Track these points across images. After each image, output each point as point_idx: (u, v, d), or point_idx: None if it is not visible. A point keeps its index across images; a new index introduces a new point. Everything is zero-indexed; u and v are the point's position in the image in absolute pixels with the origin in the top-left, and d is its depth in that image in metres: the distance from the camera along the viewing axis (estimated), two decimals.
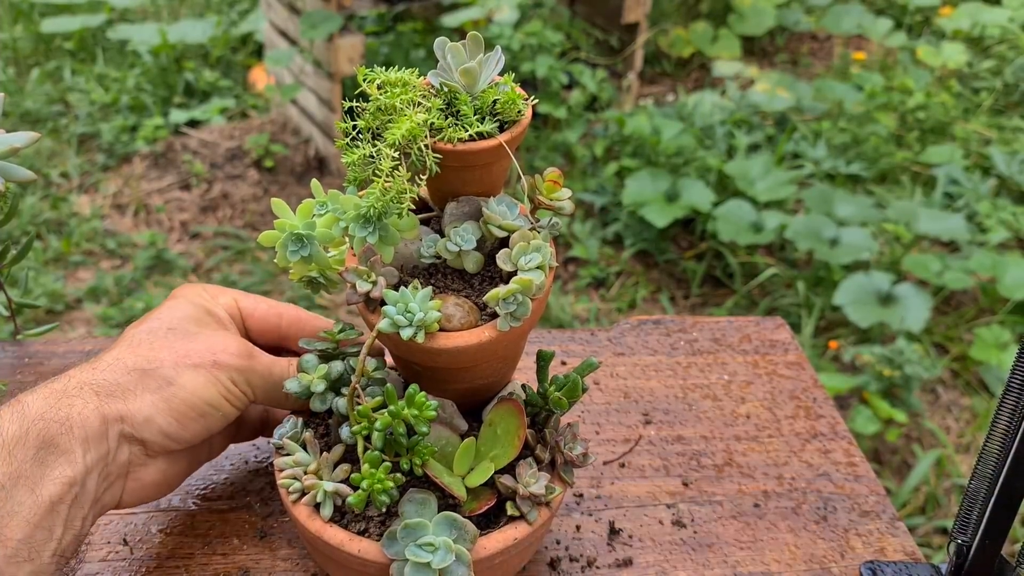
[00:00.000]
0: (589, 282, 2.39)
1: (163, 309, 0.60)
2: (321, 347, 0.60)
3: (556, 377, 0.59)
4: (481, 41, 0.54)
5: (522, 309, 0.53)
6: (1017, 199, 2.63)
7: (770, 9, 3.40)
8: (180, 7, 3.56)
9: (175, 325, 0.59)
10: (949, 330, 2.25)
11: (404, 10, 2.99)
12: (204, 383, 0.56)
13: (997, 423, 0.55)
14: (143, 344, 0.57)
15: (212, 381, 0.57)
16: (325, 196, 0.57)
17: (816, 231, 2.31)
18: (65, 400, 0.53)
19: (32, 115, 2.89)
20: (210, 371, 0.57)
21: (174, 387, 0.56)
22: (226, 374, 0.57)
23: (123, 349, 0.57)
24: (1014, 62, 3.24)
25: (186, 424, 0.56)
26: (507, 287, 0.53)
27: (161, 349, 0.57)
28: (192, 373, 0.56)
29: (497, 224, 0.55)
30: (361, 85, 0.53)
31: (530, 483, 0.56)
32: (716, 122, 2.77)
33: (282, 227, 0.56)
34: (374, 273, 0.54)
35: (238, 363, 0.58)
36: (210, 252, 2.45)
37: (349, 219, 0.53)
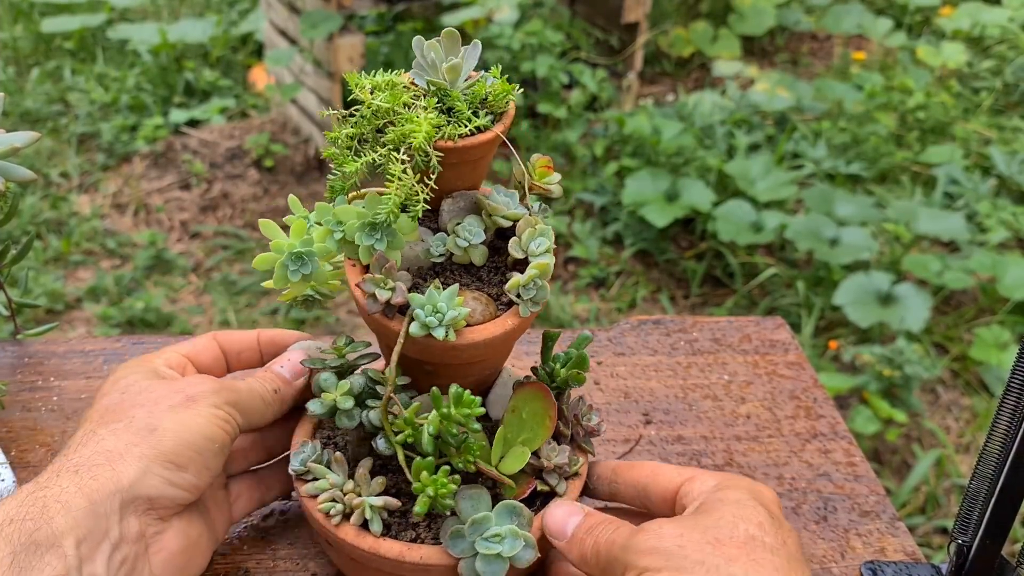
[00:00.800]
0: (589, 282, 2.39)
1: (108, 384, 0.56)
2: (335, 364, 0.58)
3: (557, 355, 0.61)
4: (457, 36, 0.54)
5: (541, 293, 0.54)
6: (1017, 199, 2.63)
7: (770, 9, 3.40)
8: (180, 7, 3.56)
9: (129, 389, 0.54)
10: (949, 330, 2.25)
11: (404, 10, 2.99)
12: (188, 418, 0.53)
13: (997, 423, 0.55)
14: (108, 413, 0.53)
15: (195, 414, 0.53)
16: (305, 210, 0.55)
17: (816, 231, 2.31)
18: (39, 493, 0.46)
19: (32, 115, 2.89)
20: (188, 407, 0.53)
21: (158, 432, 0.51)
22: (205, 403, 0.54)
23: (88, 426, 0.52)
24: (1014, 62, 3.24)
25: (185, 465, 0.51)
26: (528, 274, 0.54)
27: (129, 408, 0.53)
28: (171, 414, 0.52)
29: (502, 215, 0.56)
30: (353, 91, 0.52)
31: (552, 456, 0.58)
32: (716, 122, 2.77)
33: (279, 248, 0.54)
34: (391, 280, 0.53)
35: (212, 388, 0.55)
36: (210, 252, 2.46)
37: (352, 229, 0.53)
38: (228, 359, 0.62)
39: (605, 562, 0.52)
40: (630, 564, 0.49)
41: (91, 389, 0.76)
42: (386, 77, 0.53)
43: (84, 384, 0.76)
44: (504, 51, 2.82)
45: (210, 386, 0.55)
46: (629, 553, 0.50)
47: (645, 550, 0.49)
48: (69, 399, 0.75)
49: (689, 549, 0.48)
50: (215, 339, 0.61)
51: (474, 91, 0.54)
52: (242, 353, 0.62)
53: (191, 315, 2.23)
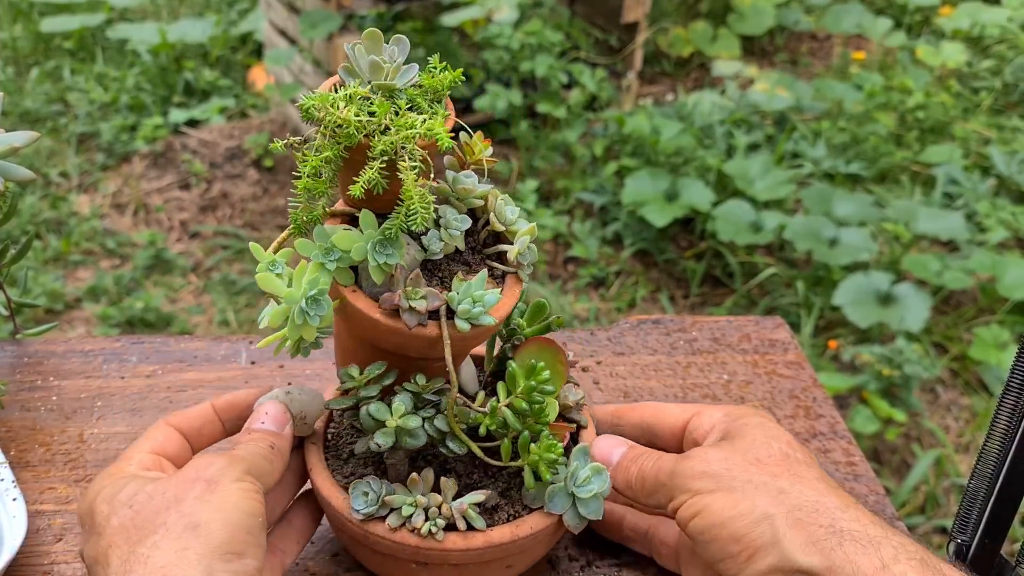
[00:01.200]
0: (588, 281, 2.39)
1: (101, 505, 0.50)
2: (370, 393, 0.56)
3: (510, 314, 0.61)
4: (380, 35, 0.53)
5: (532, 256, 0.57)
6: (1016, 199, 2.63)
7: (770, 9, 3.40)
8: (179, 6, 3.55)
9: (135, 499, 0.49)
10: (948, 330, 2.25)
11: (403, 10, 2.99)
12: (222, 502, 0.49)
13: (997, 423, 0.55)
14: (133, 530, 0.48)
15: (226, 496, 0.49)
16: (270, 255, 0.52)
17: (815, 231, 2.31)
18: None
19: (31, 114, 2.89)
20: (214, 491, 0.49)
21: (202, 526, 0.48)
22: (228, 480, 0.50)
23: (119, 552, 0.47)
24: (1013, 62, 3.24)
25: (242, 551, 0.48)
26: (523, 240, 0.56)
27: (154, 516, 0.48)
28: (204, 504, 0.48)
29: (474, 195, 0.57)
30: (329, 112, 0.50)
31: (569, 396, 0.62)
32: (715, 121, 2.77)
33: (291, 297, 0.50)
34: (421, 288, 0.53)
35: (223, 464, 0.51)
36: (209, 251, 2.45)
37: (360, 251, 0.52)
38: (190, 441, 0.58)
39: (652, 488, 0.56)
40: (681, 488, 0.53)
41: (90, 389, 0.76)
42: (343, 92, 0.51)
43: (83, 384, 0.76)
44: (503, 51, 2.82)
45: (220, 463, 0.52)
46: (678, 478, 0.54)
47: (695, 475, 0.53)
48: (68, 399, 0.75)
49: (736, 470, 0.52)
50: (170, 425, 0.57)
51: (429, 84, 0.53)
52: (203, 428, 0.58)
53: (191, 315, 2.23)
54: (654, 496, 0.56)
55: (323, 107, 0.49)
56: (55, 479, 0.68)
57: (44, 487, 0.67)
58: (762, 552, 0.49)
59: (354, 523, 0.56)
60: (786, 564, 0.48)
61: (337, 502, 0.57)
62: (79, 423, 0.73)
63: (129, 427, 0.73)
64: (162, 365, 0.79)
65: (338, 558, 0.64)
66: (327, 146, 0.50)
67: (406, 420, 0.55)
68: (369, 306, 0.53)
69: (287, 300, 0.51)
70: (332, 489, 0.57)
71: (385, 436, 0.55)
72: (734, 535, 0.50)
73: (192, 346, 0.81)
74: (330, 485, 0.58)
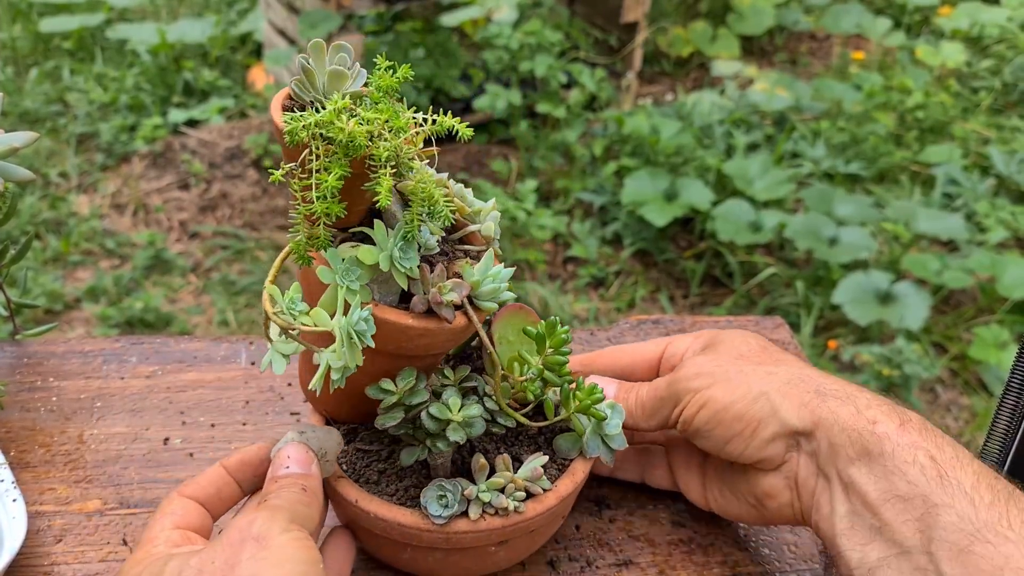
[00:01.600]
0: (588, 281, 2.39)
1: None
2: (418, 401, 0.56)
3: None
4: (323, 46, 0.52)
5: (498, 229, 0.60)
6: (1016, 198, 2.63)
7: (769, 8, 3.40)
8: (179, 6, 3.55)
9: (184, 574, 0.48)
10: (948, 329, 2.25)
11: (403, 9, 2.99)
12: (280, 556, 0.47)
13: (997, 423, 0.55)
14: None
15: (281, 549, 0.48)
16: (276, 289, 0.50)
17: (815, 230, 2.31)
18: None
19: (31, 115, 2.89)
20: (267, 547, 0.47)
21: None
22: (277, 532, 0.48)
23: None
24: (1013, 62, 3.24)
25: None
26: (493, 216, 0.58)
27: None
28: (262, 563, 0.47)
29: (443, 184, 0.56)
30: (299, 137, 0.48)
31: None
32: (715, 121, 2.77)
33: (342, 326, 0.49)
34: (447, 282, 0.53)
35: (266, 518, 0.49)
36: (209, 252, 2.45)
37: (385, 260, 0.51)
38: (208, 508, 0.55)
39: (653, 408, 0.61)
40: (682, 392, 0.59)
41: (90, 389, 0.76)
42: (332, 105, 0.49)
43: (83, 384, 0.76)
44: (503, 51, 2.82)
45: (261, 518, 0.49)
46: (677, 385, 0.59)
47: (691, 376, 0.59)
48: (68, 399, 0.75)
49: (727, 365, 0.59)
50: (184, 496, 0.55)
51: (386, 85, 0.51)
52: (220, 492, 0.56)
53: (190, 315, 2.23)
54: (657, 414, 0.61)
55: (326, 125, 0.48)
56: (55, 480, 0.68)
57: (44, 488, 0.67)
58: (763, 424, 0.56)
59: (433, 531, 0.55)
60: (784, 429, 0.56)
61: (407, 519, 0.56)
62: (79, 424, 0.73)
63: (129, 427, 0.73)
64: (162, 366, 0.79)
65: None
66: (335, 164, 0.49)
67: (467, 411, 0.55)
68: (398, 315, 0.52)
69: (340, 329, 0.49)
70: (395, 510, 0.56)
71: (457, 431, 0.55)
72: (737, 415, 0.56)
73: (192, 346, 0.81)
74: (388, 508, 0.56)
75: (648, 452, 0.68)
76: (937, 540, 0.48)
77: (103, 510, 0.66)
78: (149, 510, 0.66)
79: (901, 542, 0.50)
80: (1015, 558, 0.46)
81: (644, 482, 0.68)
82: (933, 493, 0.49)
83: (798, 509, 0.57)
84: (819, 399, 0.55)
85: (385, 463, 0.60)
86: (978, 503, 0.48)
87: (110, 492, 0.67)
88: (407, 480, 0.59)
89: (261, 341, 0.82)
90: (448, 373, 0.57)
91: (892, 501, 0.50)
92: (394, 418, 0.55)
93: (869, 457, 0.52)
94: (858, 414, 0.54)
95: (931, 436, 0.52)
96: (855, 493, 0.52)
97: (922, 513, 0.49)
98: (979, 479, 0.49)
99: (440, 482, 0.56)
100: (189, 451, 0.71)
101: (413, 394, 0.55)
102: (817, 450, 0.55)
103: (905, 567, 0.49)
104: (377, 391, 0.55)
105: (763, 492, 0.58)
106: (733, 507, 0.62)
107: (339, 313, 0.49)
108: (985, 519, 0.47)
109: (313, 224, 0.50)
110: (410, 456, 0.57)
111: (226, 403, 0.75)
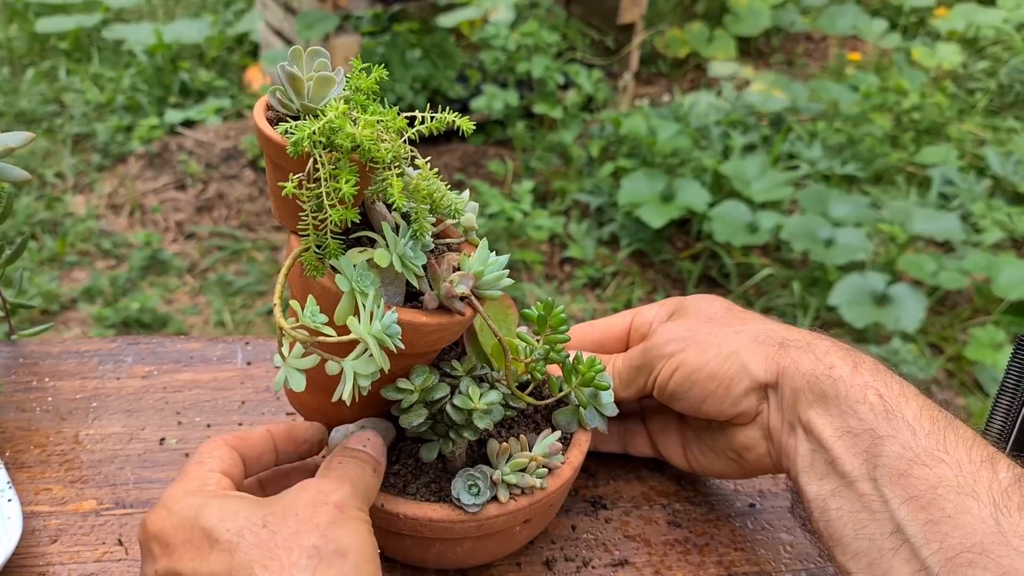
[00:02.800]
0: (585, 282, 2.39)
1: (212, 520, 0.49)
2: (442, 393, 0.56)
3: None
4: (301, 51, 0.51)
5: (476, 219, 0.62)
6: (1012, 200, 2.64)
7: (766, 10, 3.40)
8: (175, 7, 3.55)
9: (264, 519, 0.48)
10: (944, 330, 2.25)
11: (400, 10, 2.99)
12: (357, 530, 0.48)
13: (992, 423, 0.56)
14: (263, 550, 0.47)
15: (357, 526, 0.49)
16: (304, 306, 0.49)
17: (811, 231, 2.31)
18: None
19: (27, 115, 2.89)
20: (346, 518, 0.48)
21: (350, 555, 0.47)
22: (352, 511, 0.49)
23: (263, 570, 0.46)
24: (1008, 63, 3.24)
25: None
26: (471, 206, 0.59)
27: (294, 538, 0.47)
28: (341, 530, 0.48)
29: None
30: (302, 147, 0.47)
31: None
32: (712, 122, 2.77)
33: (370, 331, 0.48)
34: (455, 275, 0.53)
35: (348, 493, 0.50)
36: (205, 252, 2.45)
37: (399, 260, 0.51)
38: (247, 465, 0.56)
39: (629, 377, 0.64)
40: (656, 358, 0.62)
41: (86, 390, 0.76)
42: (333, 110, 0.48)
43: (79, 385, 0.76)
44: (500, 52, 2.82)
45: (343, 490, 0.50)
46: (651, 352, 0.62)
47: (664, 342, 0.62)
48: (64, 399, 0.75)
49: (696, 328, 0.62)
50: (230, 447, 0.56)
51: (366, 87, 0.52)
52: (262, 456, 0.57)
53: (186, 315, 2.23)
54: (634, 383, 0.64)
55: (333, 132, 0.47)
56: (50, 480, 0.68)
57: (39, 488, 0.67)
58: (735, 380, 0.59)
59: (466, 521, 0.56)
60: (754, 383, 0.59)
61: (438, 513, 0.56)
62: (74, 424, 0.73)
63: (125, 428, 0.73)
64: (158, 366, 0.79)
65: None
66: (344, 171, 0.48)
67: (487, 398, 0.56)
68: (413, 314, 0.52)
69: (370, 335, 0.49)
70: (424, 507, 0.56)
71: (483, 419, 0.56)
72: (711, 375, 0.60)
73: (188, 347, 0.81)
74: (417, 506, 0.56)
75: (627, 421, 0.70)
76: (880, 467, 0.51)
77: (99, 510, 0.66)
78: (144, 510, 0.66)
79: (849, 472, 0.53)
80: (948, 477, 0.49)
81: (627, 452, 0.70)
82: (880, 427, 0.52)
83: (775, 457, 0.60)
84: (782, 351, 0.59)
85: (397, 464, 0.60)
86: (919, 432, 0.51)
87: (106, 492, 0.67)
88: (423, 478, 0.59)
89: (257, 341, 0.82)
90: (456, 365, 0.58)
91: (844, 437, 0.54)
92: (419, 416, 0.56)
93: (825, 399, 0.55)
94: (817, 360, 0.57)
95: (881, 375, 0.55)
96: (813, 434, 0.55)
97: (868, 445, 0.52)
98: (921, 411, 0.52)
99: (467, 472, 0.57)
100: (185, 451, 0.71)
101: (434, 390, 0.56)
102: (782, 398, 0.58)
103: (852, 494, 0.52)
104: (394, 392, 0.55)
105: (741, 445, 0.61)
106: (715, 464, 0.64)
107: (364, 319, 0.49)
108: (924, 445, 0.50)
109: (320, 233, 0.49)
110: (431, 452, 0.58)
111: (222, 403, 0.75)
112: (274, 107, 0.52)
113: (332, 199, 0.48)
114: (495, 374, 0.59)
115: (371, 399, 0.55)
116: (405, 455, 0.61)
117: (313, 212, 0.49)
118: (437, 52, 2.90)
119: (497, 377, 0.59)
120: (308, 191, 0.49)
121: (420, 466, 0.60)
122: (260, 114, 0.52)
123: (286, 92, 0.51)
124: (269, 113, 0.52)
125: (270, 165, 0.53)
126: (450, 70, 2.87)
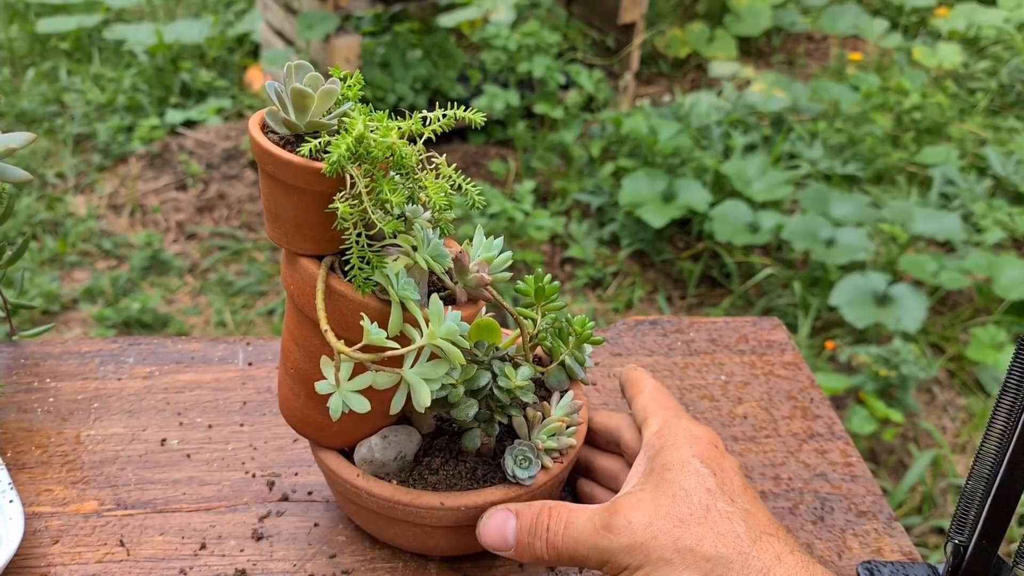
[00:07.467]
0: (585, 282, 2.39)
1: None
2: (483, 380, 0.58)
3: None
4: (292, 69, 0.52)
5: None
6: (1013, 199, 2.64)
7: (766, 10, 3.40)
8: (176, 7, 3.55)
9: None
10: (945, 330, 2.25)
11: (401, 10, 2.99)
12: None
13: (994, 423, 0.55)
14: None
15: None
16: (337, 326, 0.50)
17: (812, 231, 2.31)
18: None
19: (28, 115, 2.89)
20: None
21: None
22: None
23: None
24: (1009, 63, 3.24)
25: None
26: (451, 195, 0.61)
27: None
28: None
29: None
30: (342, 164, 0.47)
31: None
32: (712, 122, 2.77)
33: (435, 338, 0.50)
34: (474, 263, 0.56)
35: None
36: (206, 252, 2.45)
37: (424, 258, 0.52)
38: None
39: (569, 559, 0.55)
40: (610, 563, 0.53)
41: (87, 390, 0.76)
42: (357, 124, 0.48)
43: (80, 385, 0.76)
44: (501, 52, 2.82)
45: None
46: (604, 554, 0.53)
47: (621, 549, 0.52)
48: (65, 400, 0.75)
49: (662, 539, 0.52)
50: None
51: (353, 95, 0.52)
52: None
53: (187, 316, 2.23)
54: (574, 563, 0.55)
55: (372, 145, 0.47)
56: (52, 481, 0.68)
57: (41, 489, 0.67)
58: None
59: (523, 495, 0.58)
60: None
61: (496, 495, 0.57)
62: (76, 424, 0.73)
63: (126, 428, 0.73)
64: (159, 366, 0.79)
65: (335, 560, 0.64)
66: (383, 181, 0.48)
67: (522, 373, 0.59)
68: (462, 310, 0.55)
69: (439, 340, 0.50)
70: (483, 493, 0.58)
71: (527, 394, 0.59)
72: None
73: (189, 347, 0.81)
74: (476, 495, 0.57)
75: None
76: None
77: (100, 511, 0.66)
78: (146, 511, 0.66)
79: None
80: None
81: None
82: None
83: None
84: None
85: (434, 465, 0.61)
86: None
87: (107, 493, 0.67)
88: (460, 468, 0.60)
89: (258, 342, 0.82)
90: (477, 351, 0.59)
91: None
92: (472, 406, 0.57)
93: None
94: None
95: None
96: None
97: None
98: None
99: (514, 448, 0.58)
100: (186, 452, 0.71)
101: (476, 378, 0.57)
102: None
103: None
104: (440, 388, 0.55)
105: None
106: None
107: (423, 326, 0.49)
108: None
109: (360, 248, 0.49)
110: (472, 440, 0.59)
111: (223, 404, 0.75)
112: (274, 128, 0.51)
113: (375, 211, 0.48)
114: (507, 352, 0.62)
115: (382, 409, 0.56)
116: (431, 454, 0.61)
117: (355, 228, 0.48)
118: (438, 52, 2.89)
119: (511, 355, 0.62)
120: (352, 208, 0.48)
121: (448, 461, 0.61)
122: (266, 141, 0.50)
123: (288, 111, 0.50)
124: (271, 136, 0.51)
125: (278, 189, 0.51)
126: (451, 70, 2.86)
